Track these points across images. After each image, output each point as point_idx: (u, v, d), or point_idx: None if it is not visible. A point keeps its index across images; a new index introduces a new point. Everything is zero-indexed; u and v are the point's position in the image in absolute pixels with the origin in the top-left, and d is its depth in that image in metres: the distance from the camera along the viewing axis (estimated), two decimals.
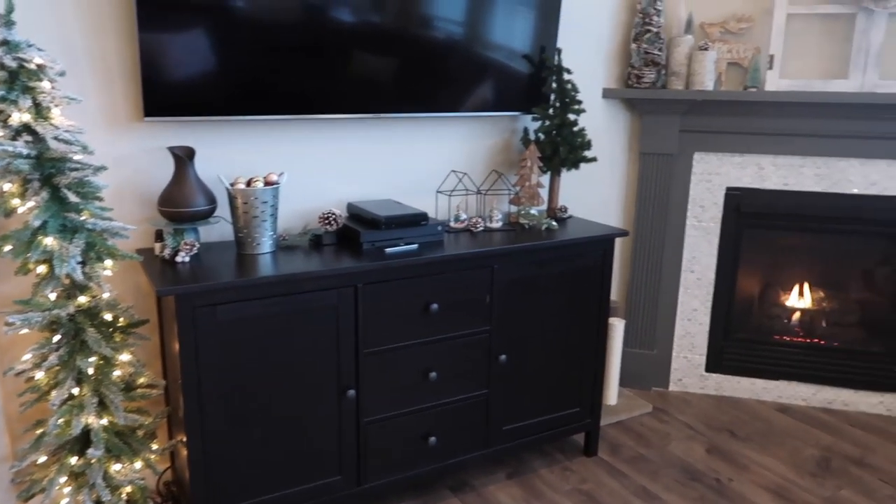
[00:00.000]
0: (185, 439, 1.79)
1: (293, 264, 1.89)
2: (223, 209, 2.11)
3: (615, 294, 3.12)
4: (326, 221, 2.13)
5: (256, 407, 1.86)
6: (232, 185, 1.96)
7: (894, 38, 2.60)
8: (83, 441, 1.73)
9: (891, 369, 2.89)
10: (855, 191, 2.75)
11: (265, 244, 1.98)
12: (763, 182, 2.83)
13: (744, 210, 2.88)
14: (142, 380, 1.83)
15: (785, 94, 2.64)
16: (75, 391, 1.67)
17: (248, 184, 1.96)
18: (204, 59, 1.94)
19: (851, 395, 2.95)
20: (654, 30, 2.70)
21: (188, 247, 1.90)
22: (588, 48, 2.78)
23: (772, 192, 2.83)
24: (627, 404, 2.91)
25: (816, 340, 3.03)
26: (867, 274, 3.01)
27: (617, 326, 2.83)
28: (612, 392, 2.90)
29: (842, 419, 2.89)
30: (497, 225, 2.38)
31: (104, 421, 1.71)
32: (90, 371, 1.67)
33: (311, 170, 2.28)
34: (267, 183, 1.97)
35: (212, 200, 1.96)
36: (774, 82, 2.68)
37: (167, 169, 2.03)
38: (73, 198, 1.59)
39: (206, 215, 1.95)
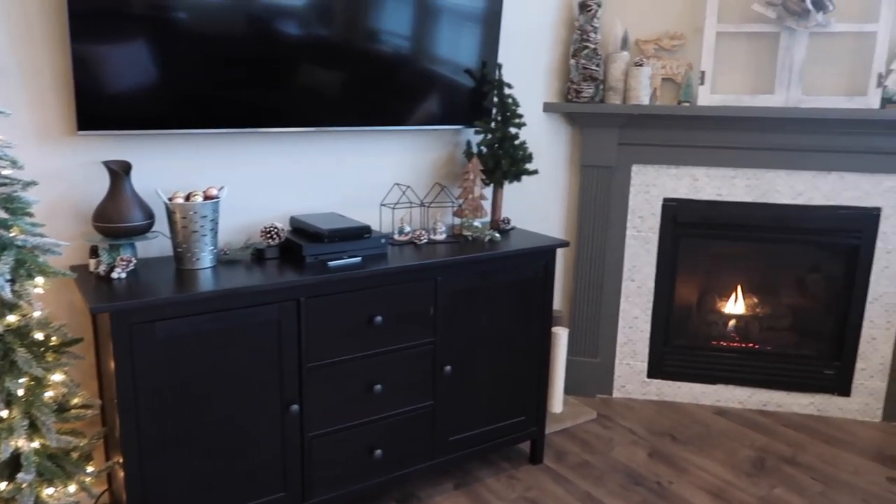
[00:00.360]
0: (121, 460, 1.75)
1: (234, 279, 1.87)
2: (162, 224, 2.07)
3: (559, 304, 3.18)
4: (269, 235, 2.12)
5: (197, 425, 1.83)
6: (170, 199, 1.93)
7: (816, 56, 2.74)
8: (13, 465, 1.67)
9: (821, 371, 3.02)
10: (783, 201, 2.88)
11: (205, 259, 1.95)
12: (698, 193, 2.94)
13: (680, 220, 2.98)
14: (76, 400, 1.77)
15: (715, 109, 2.75)
16: (4, 414, 1.62)
17: (188, 198, 1.94)
18: (143, 71, 1.91)
19: (784, 396, 3.07)
20: (592, 46, 2.78)
21: (124, 262, 1.86)
22: (529, 63, 2.84)
23: (706, 202, 2.94)
24: (572, 412, 2.97)
25: (751, 345, 3.15)
26: (798, 280, 3.14)
27: (561, 335, 2.88)
28: (558, 400, 2.95)
29: (775, 420, 3.00)
30: (441, 237, 2.40)
31: (35, 444, 1.65)
32: (20, 392, 1.61)
33: (254, 183, 2.26)
34: (207, 197, 1.95)
35: (149, 215, 1.93)
36: (706, 97, 2.79)
37: (103, 183, 1.98)
38: (1, 214, 1.54)
39: (144, 230, 1.91)
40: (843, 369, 2.99)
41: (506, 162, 2.55)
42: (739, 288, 3.19)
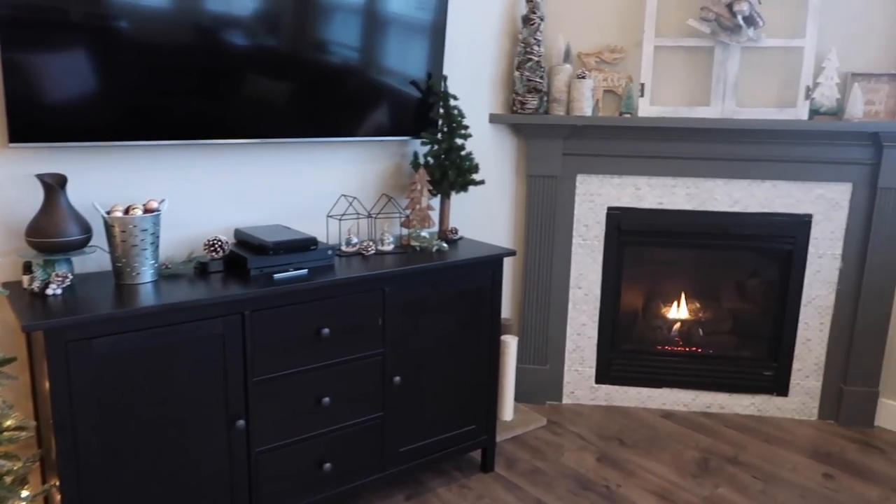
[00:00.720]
0: (58, 483, 1.69)
1: (176, 293, 1.83)
2: (100, 238, 2.02)
3: (508, 312, 3.21)
4: (212, 248, 2.09)
5: (138, 444, 1.78)
6: (108, 213, 1.89)
7: (748, 70, 2.85)
8: None
9: (760, 373, 3.13)
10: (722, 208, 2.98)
11: (145, 273, 1.91)
12: (640, 202, 3.01)
13: (624, 228, 3.05)
14: (9, 422, 1.70)
15: (655, 120, 2.83)
16: None
17: (127, 211, 1.90)
18: (81, 81, 1.87)
19: (727, 398, 3.16)
20: (536, 58, 2.84)
21: (60, 279, 1.80)
22: (474, 75, 2.88)
23: (648, 210, 3.02)
24: (523, 419, 2.99)
25: (694, 349, 3.23)
26: (738, 285, 3.25)
27: (510, 343, 2.91)
28: (508, 408, 2.97)
29: (718, 421, 3.09)
30: (388, 248, 2.41)
31: None
32: None
33: (198, 196, 2.23)
34: (146, 210, 1.91)
35: (86, 229, 1.88)
36: (646, 109, 2.87)
37: (37, 197, 1.92)
38: None
39: (80, 245, 1.86)
40: (780, 370, 3.10)
41: (452, 173, 2.57)
42: (682, 293, 3.28)
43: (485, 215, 3.05)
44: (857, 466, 2.72)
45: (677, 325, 3.30)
